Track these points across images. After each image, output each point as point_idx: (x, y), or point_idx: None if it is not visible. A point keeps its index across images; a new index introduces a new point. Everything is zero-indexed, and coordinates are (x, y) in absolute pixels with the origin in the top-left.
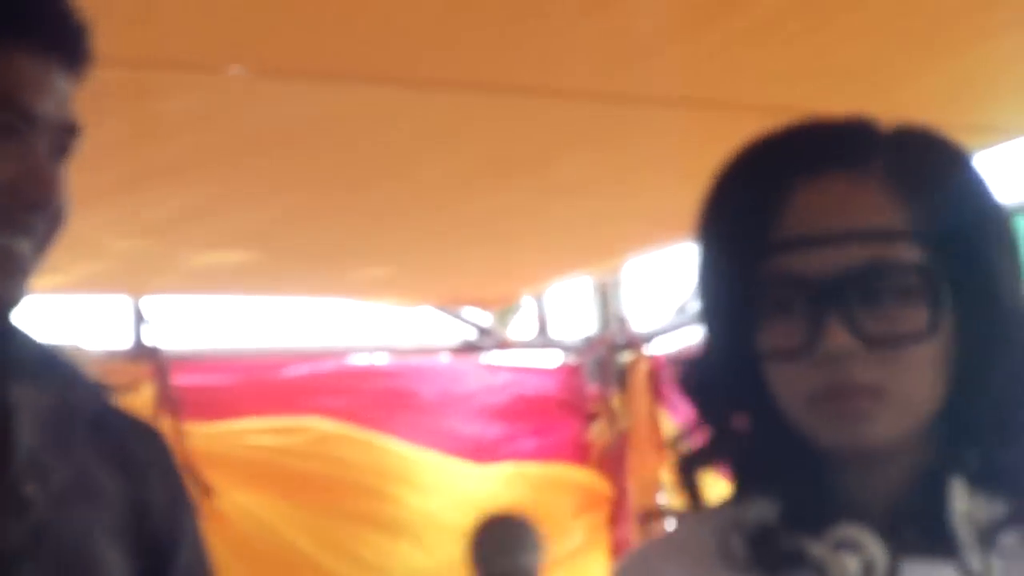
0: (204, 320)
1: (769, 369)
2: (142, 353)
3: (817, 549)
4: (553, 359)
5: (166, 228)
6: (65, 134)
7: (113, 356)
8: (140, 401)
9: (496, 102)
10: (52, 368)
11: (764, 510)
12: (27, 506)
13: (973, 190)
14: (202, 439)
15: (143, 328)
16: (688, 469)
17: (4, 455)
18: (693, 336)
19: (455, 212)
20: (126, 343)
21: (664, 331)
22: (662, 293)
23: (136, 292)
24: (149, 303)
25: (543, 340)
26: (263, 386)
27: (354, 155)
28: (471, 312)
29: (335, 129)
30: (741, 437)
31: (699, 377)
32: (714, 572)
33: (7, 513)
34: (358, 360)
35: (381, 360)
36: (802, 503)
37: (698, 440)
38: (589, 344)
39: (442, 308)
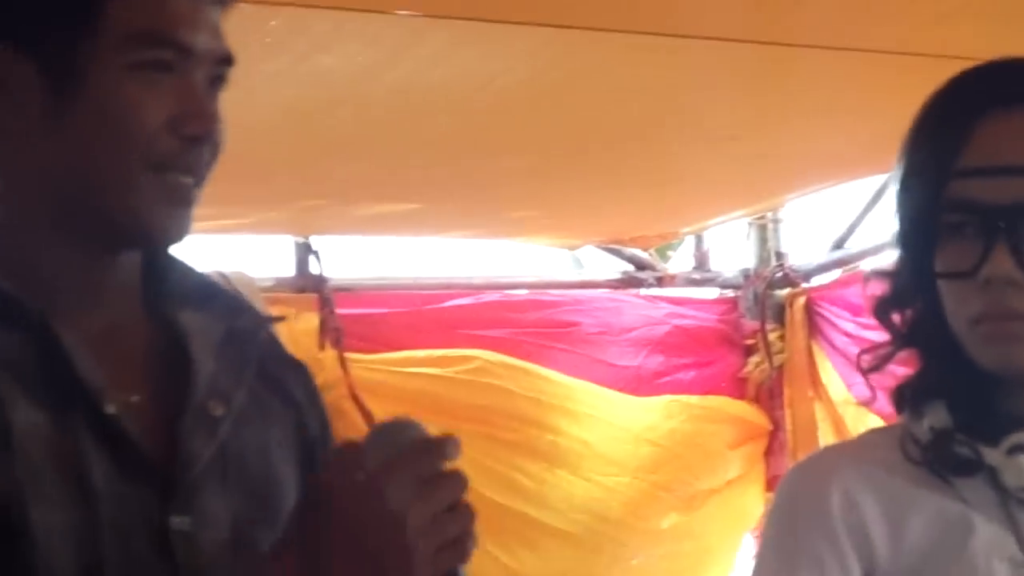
0: (368, 253)
1: (941, 289)
2: (307, 283)
3: (992, 455)
4: (711, 293)
5: (338, 188)
6: (220, 65)
7: (279, 285)
8: (304, 330)
9: (657, 47)
10: (216, 298)
11: (939, 418)
12: (216, 426)
13: None
14: (364, 369)
15: (309, 259)
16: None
17: (187, 378)
18: (851, 272)
19: (616, 156)
20: (290, 274)
21: (822, 267)
22: (820, 230)
23: (304, 234)
24: (316, 239)
25: (702, 275)
26: (425, 317)
27: (516, 103)
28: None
29: (497, 76)
30: (918, 354)
31: (889, 293)
32: (891, 475)
33: (198, 433)
34: (518, 293)
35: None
36: (974, 415)
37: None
38: (747, 279)
39: (602, 246)
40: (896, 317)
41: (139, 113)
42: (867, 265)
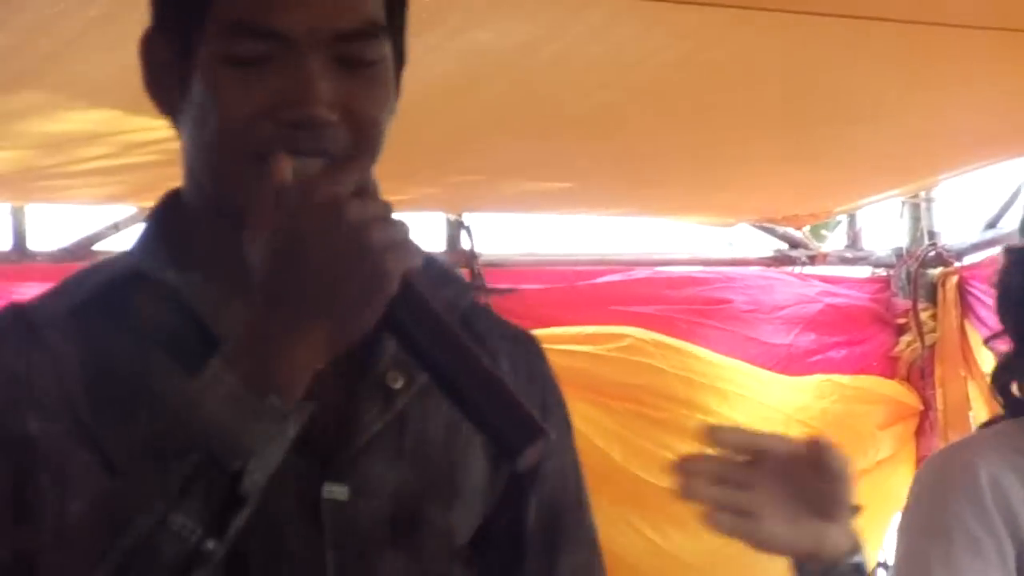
0: (519, 228)
1: None
2: (458, 259)
3: None
4: (863, 272)
5: (491, 164)
6: (349, 41)
7: None
8: None
9: (814, 26)
10: (427, 266)
11: None
12: (392, 397)
13: None
14: None
15: (461, 235)
16: (1003, 375)
17: (373, 348)
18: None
19: (770, 134)
20: (441, 249)
21: (975, 247)
22: (973, 209)
23: (457, 212)
24: (468, 216)
25: (854, 253)
26: (576, 294)
27: (672, 81)
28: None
29: (654, 54)
30: None
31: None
32: None
33: (371, 401)
34: (670, 270)
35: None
36: None
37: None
38: (900, 258)
39: (755, 225)
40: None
41: (229, 106)
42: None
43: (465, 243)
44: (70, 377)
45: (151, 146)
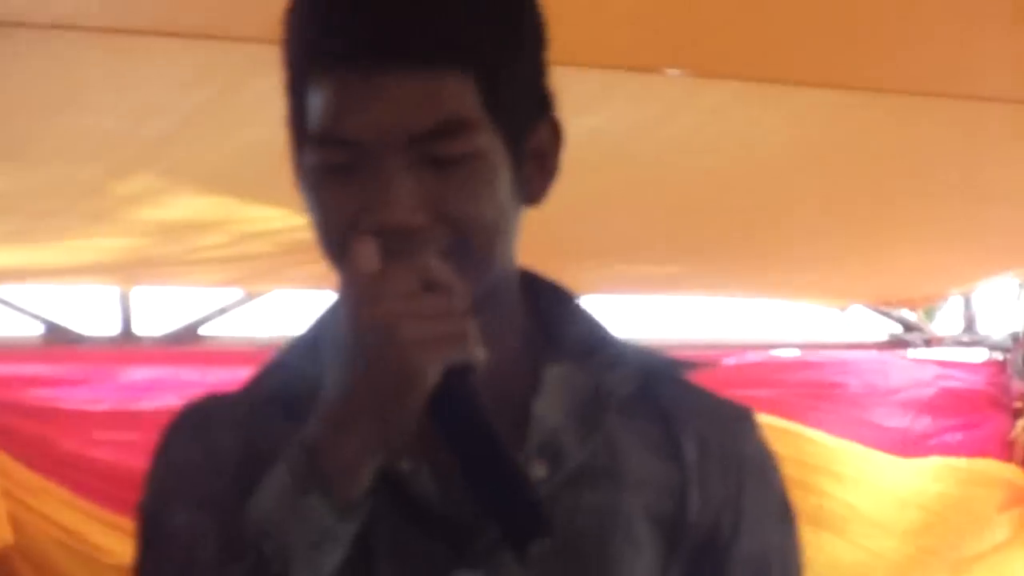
0: (629, 311)
1: None
2: None
3: None
4: (979, 356)
5: (601, 248)
6: (432, 139)
7: None
8: None
9: (926, 107)
10: (599, 352)
11: None
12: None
13: None
14: None
15: None
16: None
17: (516, 435)
18: None
19: (884, 215)
20: None
21: None
22: None
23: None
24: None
25: (970, 337)
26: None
27: (786, 162)
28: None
29: (767, 136)
30: None
31: None
32: None
33: None
34: (784, 354)
35: (808, 354)
36: None
37: None
38: (1016, 341)
39: (870, 307)
40: None
41: (322, 215)
42: None
43: None
44: (226, 473)
45: (264, 237)
